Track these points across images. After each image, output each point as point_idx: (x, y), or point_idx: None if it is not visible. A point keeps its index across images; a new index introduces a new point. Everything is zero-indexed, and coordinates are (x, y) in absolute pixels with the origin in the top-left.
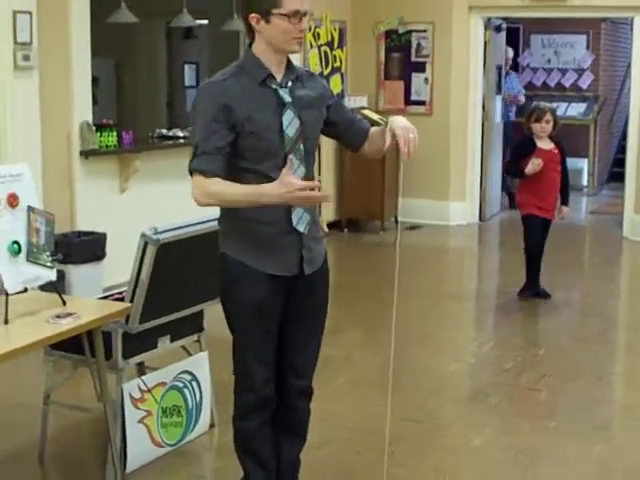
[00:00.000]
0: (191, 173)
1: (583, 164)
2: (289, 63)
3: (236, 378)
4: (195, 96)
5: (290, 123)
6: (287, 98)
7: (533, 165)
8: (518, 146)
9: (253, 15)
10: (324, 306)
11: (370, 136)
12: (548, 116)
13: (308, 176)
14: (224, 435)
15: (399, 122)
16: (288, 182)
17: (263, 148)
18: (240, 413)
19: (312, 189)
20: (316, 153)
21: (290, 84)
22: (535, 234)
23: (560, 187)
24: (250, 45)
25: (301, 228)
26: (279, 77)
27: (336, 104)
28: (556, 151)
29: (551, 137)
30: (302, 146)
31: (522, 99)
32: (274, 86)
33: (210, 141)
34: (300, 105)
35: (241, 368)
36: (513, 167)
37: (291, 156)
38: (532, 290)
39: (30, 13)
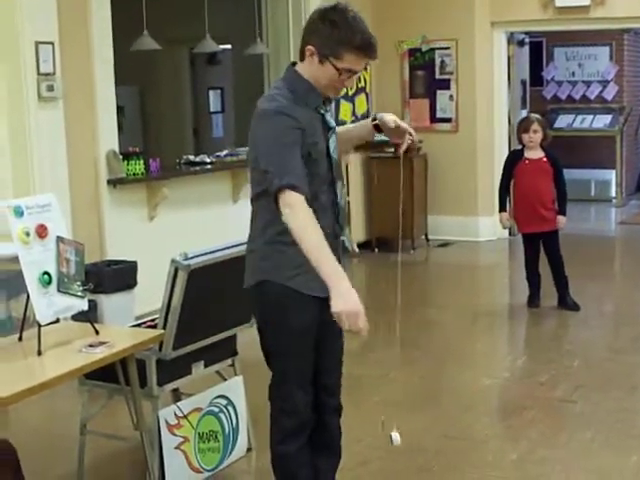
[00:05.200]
0: (277, 193)
1: (611, 175)
2: None
3: (275, 403)
4: (261, 120)
5: (334, 147)
6: (332, 123)
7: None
8: (507, 158)
9: (310, 47)
10: None
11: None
12: (535, 126)
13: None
14: (262, 458)
15: (391, 118)
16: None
17: (318, 174)
18: (280, 438)
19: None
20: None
21: (328, 109)
22: (527, 251)
23: (557, 197)
24: (294, 64)
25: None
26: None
27: None
28: (545, 159)
29: (543, 148)
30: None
31: None
32: (322, 111)
33: (295, 160)
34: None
35: (283, 393)
36: (503, 180)
37: None
38: (534, 301)
39: (52, 43)
